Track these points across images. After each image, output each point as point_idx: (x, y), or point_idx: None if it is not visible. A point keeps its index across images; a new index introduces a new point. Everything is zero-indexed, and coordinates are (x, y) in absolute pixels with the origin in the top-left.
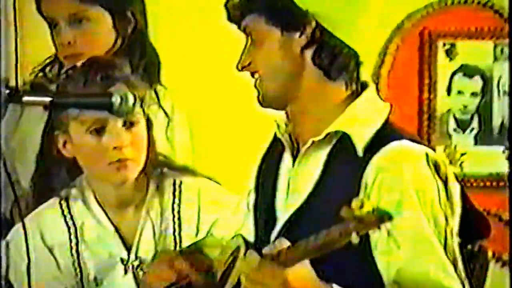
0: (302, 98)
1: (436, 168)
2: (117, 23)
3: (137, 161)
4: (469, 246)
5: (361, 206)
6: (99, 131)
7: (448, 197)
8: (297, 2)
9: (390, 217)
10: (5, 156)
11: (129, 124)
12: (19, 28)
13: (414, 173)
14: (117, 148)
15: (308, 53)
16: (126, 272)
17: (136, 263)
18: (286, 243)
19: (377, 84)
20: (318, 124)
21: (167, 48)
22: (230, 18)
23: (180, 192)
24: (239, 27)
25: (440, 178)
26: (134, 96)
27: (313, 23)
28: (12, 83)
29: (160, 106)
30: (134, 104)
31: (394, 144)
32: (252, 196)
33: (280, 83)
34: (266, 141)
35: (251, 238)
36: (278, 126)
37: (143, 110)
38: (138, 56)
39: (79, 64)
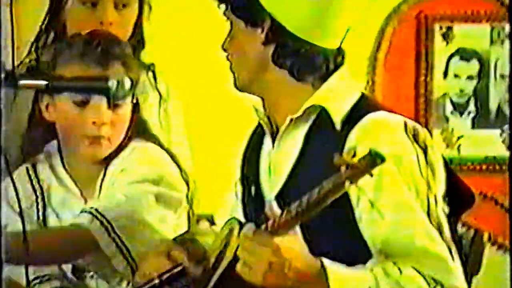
0: (272, 91)
1: (415, 136)
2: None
3: (112, 141)
4: (462, 229)
5: (354, 156)
6: (83, 104)
7: (428, 164)
8: None
9: (382, 159)
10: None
11: (113, 106)
12: (15, 10)
13: (391, 142)
14: (95, 124)
15: (269, 51)
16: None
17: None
18: (276, 208)
19: (374, 68)
20: (295, 105)
21: (162, 33)
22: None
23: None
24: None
25: (419, 145)
26: (131, 80)
27: (268, 22)
28: (8, 67)
29: (156, 88)
30: (130, 88)
31: (371, 116)
32: (239, 186)
33: (246, 72)
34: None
35: None
36: (257, 110)
37: (133, 94)
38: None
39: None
